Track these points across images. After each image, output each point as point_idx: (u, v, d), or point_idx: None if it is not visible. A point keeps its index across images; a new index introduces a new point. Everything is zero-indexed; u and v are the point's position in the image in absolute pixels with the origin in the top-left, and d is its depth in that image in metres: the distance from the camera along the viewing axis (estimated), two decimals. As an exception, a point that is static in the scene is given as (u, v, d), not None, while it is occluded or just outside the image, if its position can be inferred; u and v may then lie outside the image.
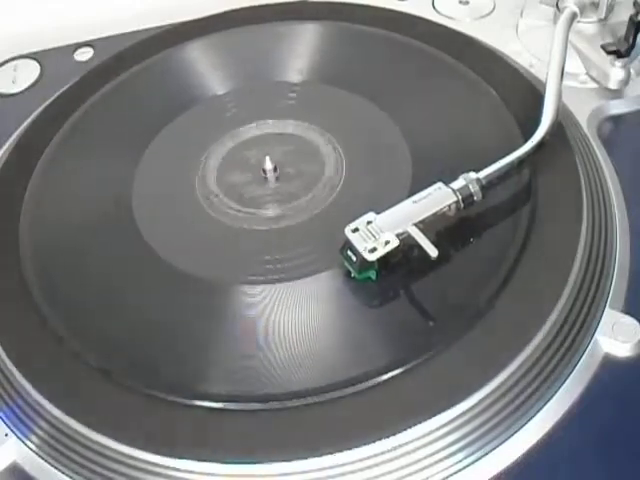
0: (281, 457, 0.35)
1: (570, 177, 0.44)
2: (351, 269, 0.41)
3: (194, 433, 0.36)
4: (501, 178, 0.43)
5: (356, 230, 0.41)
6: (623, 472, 0.35)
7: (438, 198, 0.42)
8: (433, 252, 0.39)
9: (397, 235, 0.40)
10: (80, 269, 0.45)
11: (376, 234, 0.40)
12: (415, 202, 0.42)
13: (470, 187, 0.42)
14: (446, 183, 0.42)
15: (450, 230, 0.43)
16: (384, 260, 0.40)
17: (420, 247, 0.40)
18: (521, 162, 0.43)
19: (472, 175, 0.42)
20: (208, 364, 0.40)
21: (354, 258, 0.40)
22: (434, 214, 0.41)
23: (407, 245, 0.41)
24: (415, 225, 0.40)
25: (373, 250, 0.40)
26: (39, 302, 0.43)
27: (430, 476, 0.35)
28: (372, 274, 0.41)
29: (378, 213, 0.41)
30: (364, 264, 0.40)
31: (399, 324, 0.40)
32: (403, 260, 0.42)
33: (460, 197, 0.42)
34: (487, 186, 0.42)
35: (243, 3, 0.61)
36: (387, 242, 0.40)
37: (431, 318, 0.40)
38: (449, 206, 0.42)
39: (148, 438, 0.36)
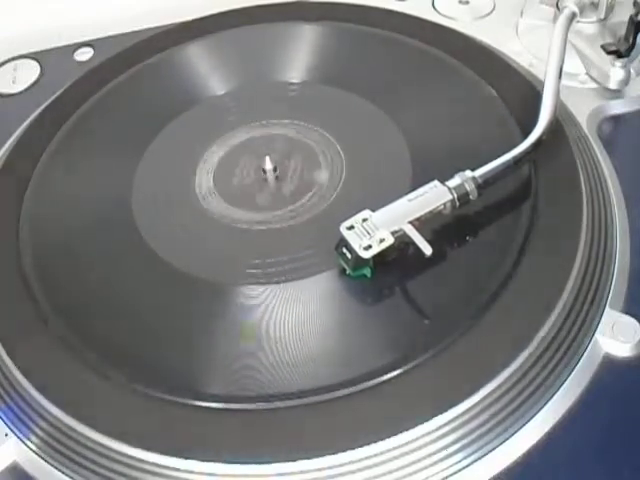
0: (281, 457, 0.35)
1: (570, 177, 0.44)
2: (345, 266, 0.41)
3: (194, 433, 0.36)
4: (498, 177, 0.43)
5: (351, 227, 0.41)
6: (623, 472, 0.35)
7: (434, 196, 0.42)
8: (427, 250, 0.39)
9: (392, 233, 0.40)
10: (80, 269, 0.46)
11: (371, 232, 0.40)
12: (410, 200, 0.42)
13: (466, 185, 0.42)
14: (442, 181, 0.42)
15: (446, 228, 0.43)
16: (379, 258, 0.40)
17: (415, 245, 0.40)
18: (518, 161, 0.43)
19: (468, 173, 0.42)
20: (208, 364, 0.40)
21: (349, 255, 0.40)
22: (429, 212, 0.41)
23: (402, 243, 0.41)
24: (410, 223, 0.40)
25: (368, 247, 0.40)
26: (39, 302, 0.43)
27: (430, 476, 0.35)
28: (367, 272, 0.41)
29: (374, 211, 0.41)
30: (359, 261, 0.40)
31: (399, 324, 0.40)
32: (399, 258, 0.42)
33: (455, 195, 0.42)
34: (483, 185, 0.42)
35: (243, 3, 0.61)
36: (382, 240, 0.40)
37: (430, 317, 0.40)
38: (444, 204, 0.42)
39: (148, 438, 0.36)
